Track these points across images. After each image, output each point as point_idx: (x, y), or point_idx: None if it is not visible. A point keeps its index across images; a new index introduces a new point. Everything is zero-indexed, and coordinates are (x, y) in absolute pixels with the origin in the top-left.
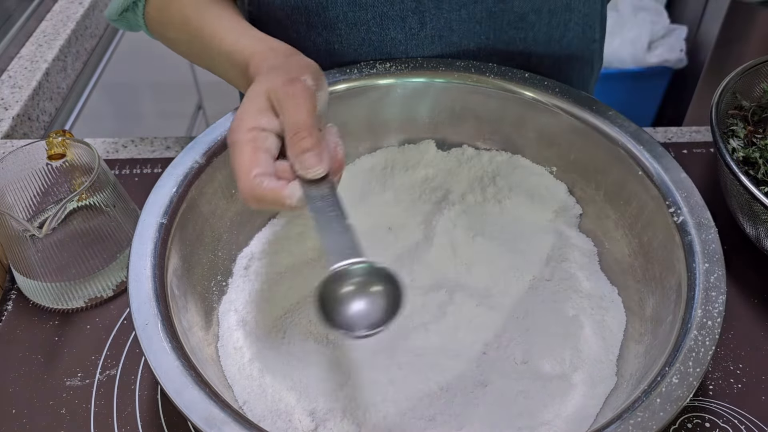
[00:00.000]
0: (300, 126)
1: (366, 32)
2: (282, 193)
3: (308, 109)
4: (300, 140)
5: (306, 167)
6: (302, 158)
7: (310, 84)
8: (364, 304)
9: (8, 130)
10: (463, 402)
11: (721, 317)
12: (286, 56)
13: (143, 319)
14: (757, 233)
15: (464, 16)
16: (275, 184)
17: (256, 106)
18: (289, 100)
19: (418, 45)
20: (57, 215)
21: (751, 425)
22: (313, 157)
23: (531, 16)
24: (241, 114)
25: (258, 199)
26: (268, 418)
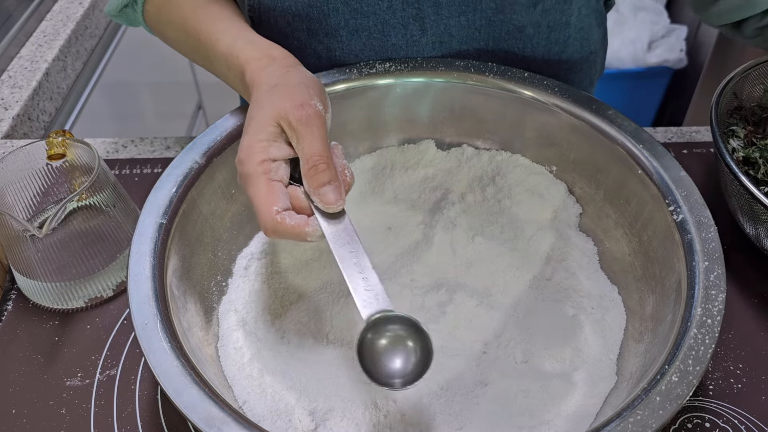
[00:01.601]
0: (317, 158)
1: (367, 38)
2: (304, 231)
3: (323, 138)
4: (319, 173)
5: (327, 203)
6: (321, 193)
7: (320, 108)
8: (400, 359)
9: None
10: (464, 401)
11: (721, 315)
12: (286, 68)
13: (143, 319)
14: (756, 233)
15: (463, 22)
16: (297, 221)
17: (265, 134)
18: (303, 128)
19: (418, 51)
20: (57, 215)
21: (751, 425)
22: (333, 192)
23: (529, 29)
24: (250, 143)
25: (280, 234)
26: (267, 418)
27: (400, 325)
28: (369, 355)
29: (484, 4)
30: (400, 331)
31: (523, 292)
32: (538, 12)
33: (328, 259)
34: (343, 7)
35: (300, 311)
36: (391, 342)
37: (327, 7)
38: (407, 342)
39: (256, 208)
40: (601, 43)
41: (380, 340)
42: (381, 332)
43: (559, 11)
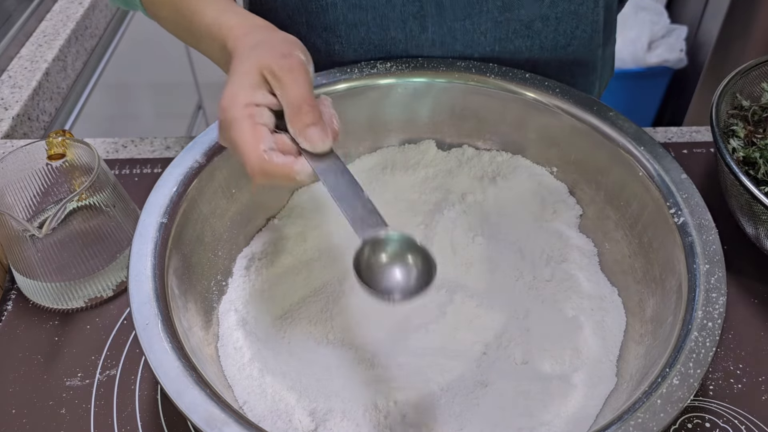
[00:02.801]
0: (302, 100)
1: (366, 32)
2: (293, 168)
3: (307, 83)
4: (303, 115)
5: (312, 141)
6: (307, 133)
7: (303, 59)
8: (400, 273)
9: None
10: (464, 402)
11: (722, 318)
12: (268, 31)
13: (144, 319)
14: (757, 233)
15: (468, 26)
16: (285, 159)
17: (248, 81)
18: (286, 75)
19: (418, 47)
20: (57, 215)
21: (751, 425)
22: (318, 131)
23: (537, 23)
24: (233, 90)
25: (269, 174)
26: (268, 418)
27: (399, 243)
28: (367, 271)
29: (490, 3)
30: (399, 248)
31: (523, 293)
32: (546, 4)
33: (329, 260)
34: (341, 2)
35: (300, 311)
36: (390, 257)
37: (325, 1)
38: (407, 257)
39: (241, 150)
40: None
41: (379, 256)
42: (378, 250)
43: (567, 0)
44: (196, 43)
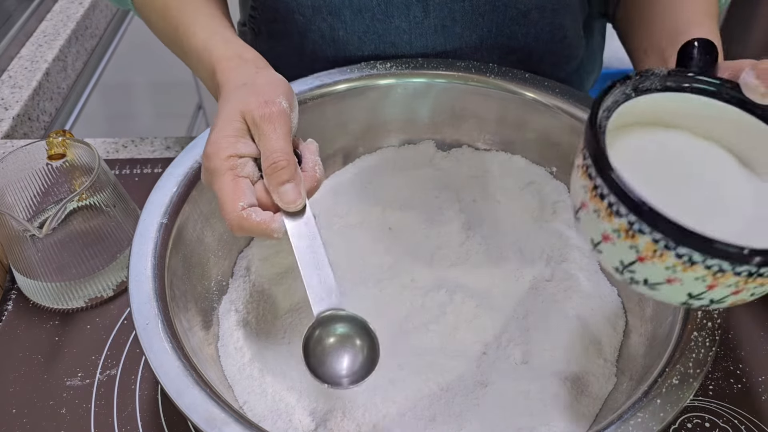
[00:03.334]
0: (277, 155)
1: (371, 20)
2: (270, 227)
3: (284, 134)
4: (278, 171)
5: (285, 202)
6: (281, 192)
7: (284, 107)
8: (348, 356)
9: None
10: (463, 402)
11: (722, 318)
12: (256, 69)
13: (144, 319)
14: None
15: (467, 7)
16: (263, 217)
17: (232, 129)
18: (266, 124)
19: (421, 34)
20: (57, 215)
21: (751, 425)
22: (292, 191)
23: (534, 13)
24: (217, 138)
25: (245, 230)
26: (268, 418)
27: (349, 324)
28: (316, 352)
29: None
30: (349, 330)
31: (523, 293)
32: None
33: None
34: None
35: (301, 311)
36: (339, 340)
37: None
38: (355, 341)
39: (221, 204)
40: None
41: (328, 338)
42: (329, 330)
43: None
44: (181, 55)
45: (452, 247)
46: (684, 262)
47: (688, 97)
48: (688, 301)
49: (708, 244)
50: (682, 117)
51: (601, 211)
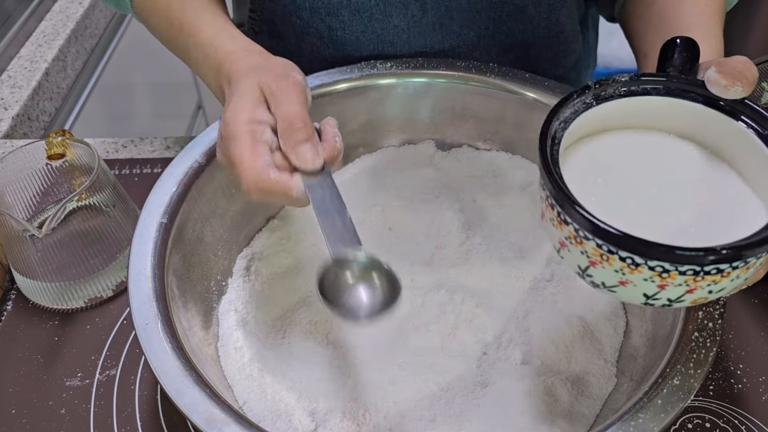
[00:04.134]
0: (294, 117)
1: (369, 19)
2: (288, 185)
3: (302, 102)
4: (295, 132)
5: (303, 160)
6: (298, 151)
7: (300, 79)
8: (365, 294)
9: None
10: (464, 402)
11: (722, 319)
12: (265, 56)
13: (143, 319)
14: None
15: (464, 5)
16: (281, 176)
17: (250, 98)
18: (281, 93)
19: (420, 33)
20: (57, 215)
21: (751, 425)
22: (309, 150)
23: (530, 8)
24: (236, 106)
25: (264, 191)
26: (268, 419)
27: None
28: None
29: None
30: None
31: (523, 293)
32: None
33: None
34: None
35: (300, 311)
36: (357, 277)
37: None
38: (372, 277)
39: (239, 165)
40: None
41: (345, 275)
42: (346, 270)
43: None
44: (183, 56)
45: (452, 247)
46: (629, 264)
47: (651, 99)
48: (648, 301)
49: (643, 246)
50: (648, 119)
51: (554, 220)
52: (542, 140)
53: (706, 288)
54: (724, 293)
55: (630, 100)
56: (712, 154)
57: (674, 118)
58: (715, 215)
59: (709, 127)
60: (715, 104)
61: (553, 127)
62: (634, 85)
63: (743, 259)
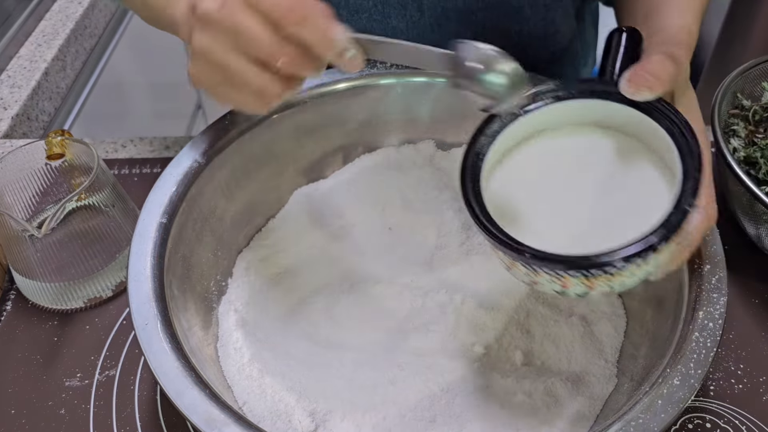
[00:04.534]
0: None
1: (367, 20)
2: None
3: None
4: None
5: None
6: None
7: None
8: None
9: (7, 130)
10: (464, 403)
11: (723, 319)
12: None
13: (143, 319)
14: (758, 233)
15: (461, 6)
16: None
17: None
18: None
19: (418, 33)
20: (56, 215)
21: (752, 426)
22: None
23: (527, 9)
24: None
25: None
26: (267, 419)
27: None
28: None
29: None
30: None
31: (523, 294)
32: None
33: (329, 260)
34: None
35: (300, 312)
36: None
37: None
38: None
39: None
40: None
41: None
42: None
43: None
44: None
45: (452, 247)
46: (530, 270)
47: (577, 103)
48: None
49: (528, 254)
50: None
51: None
52: (464, 156)
53: (605, 284)
54: (628, 286)
55: (556, 106)
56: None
57: (600, 119)
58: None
59: (630, 125)
60: (634, 103)
61: (480, 142)
62: (561, 91)
63: (611, 266)
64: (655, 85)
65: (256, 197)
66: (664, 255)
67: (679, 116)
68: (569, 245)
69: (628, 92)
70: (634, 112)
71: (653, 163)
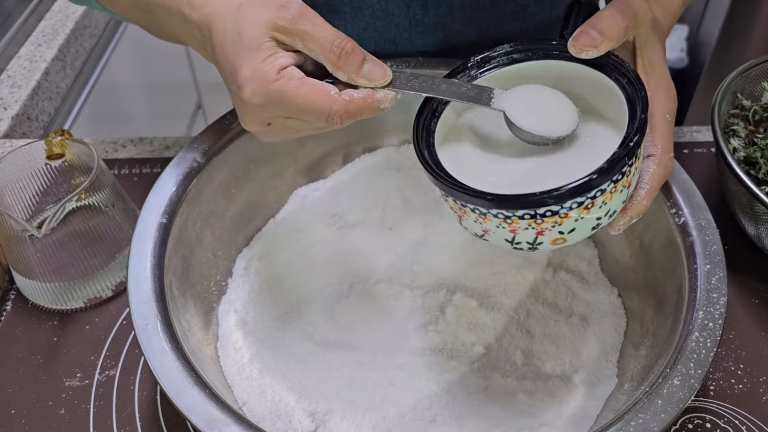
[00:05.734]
0: (338, 41)
1: (371, 17)
2: (375, 98)
3: (327, 24)
4: (349, 54)
5: (376, 79)
6: (365, 73)
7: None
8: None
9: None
10: (464, 403)
11: (723, 319)
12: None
13: (143, 319)
14: (758, 233)
15: (466, 4)
16: (364, 93)
17: (263, 54)
18: (301, 23)
19: (422, 32)
20: (56, 215)
21: (752, 426)
22: (375, 66)
23: (532, 6)
24: (254, 68)
25: (353, 113)
26: (267, 419)
27: None
28: None
29: None
30: None
31: (523, 294)
32: None
33: (329, 260)
34: None
35: (300, 312)
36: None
37: None
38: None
39: (313, 106)
40: None
41: None
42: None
43: None
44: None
45: (452, 247)
46: (479, 215)
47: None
48: (513, 246)
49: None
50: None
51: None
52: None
53: (555, 229)
54: (578, 235)
55: (511, 68)
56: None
57: (552, 78)
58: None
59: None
60: (586, 61)
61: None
62: (515, 53)
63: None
64: (601, 43)
65: (256, 197)
66: (614, 200)
67: (626, 67)
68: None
69: (573, 51)
70: (584, 68)
71: (606, 122)
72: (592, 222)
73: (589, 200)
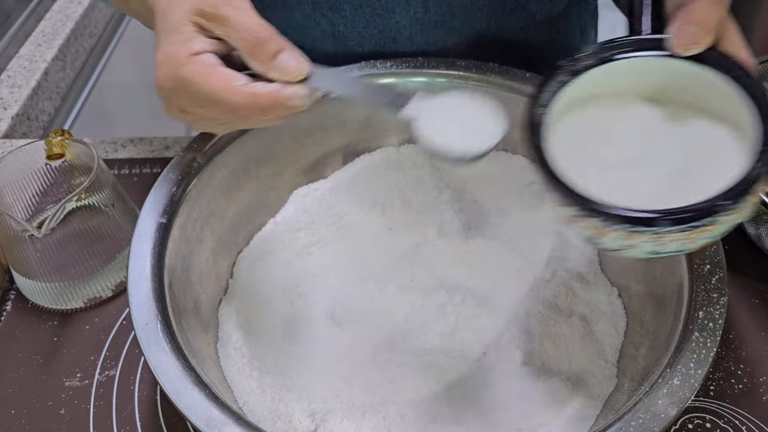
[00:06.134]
0: (255, 29)
1: (371, 15)
2: (283, 94)
3: (253, 9)
4: (263, 44)
5: (287, 71)
6: (278, 64)
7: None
8: None
9: (7, 130)
10: (464, 403)
11: (723, 319)
12: None
13: (143, 319)
14: (758, 233)
15: (466, 2)
16: (272, 87)
17: (180, 37)
18: (223, 8)
19: (422, 30)
20: (56, 215)
21: (752, 426)
22: (290, 58)
23: (533, 5)
24: (166, 50)
25: (261, 108)
26: (267, 419)
27: None
28: None
29: None
30: None
31: (523, 294)
32: None
33: (329, 260)
34: None
35: (300, 312)
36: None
37: None
38: None
39: (217, 95)
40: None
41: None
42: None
43: None
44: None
45: (452, 247)
46: (628, 233)
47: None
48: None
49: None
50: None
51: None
52: (526, 130)
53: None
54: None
55: (602, 68)
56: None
57: (649, 76)
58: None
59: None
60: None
61: (535, 115)
62: (603, 53)
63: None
64: (703, 37)
65: (255, 197)
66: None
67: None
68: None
69: (677, 50)
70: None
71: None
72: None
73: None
